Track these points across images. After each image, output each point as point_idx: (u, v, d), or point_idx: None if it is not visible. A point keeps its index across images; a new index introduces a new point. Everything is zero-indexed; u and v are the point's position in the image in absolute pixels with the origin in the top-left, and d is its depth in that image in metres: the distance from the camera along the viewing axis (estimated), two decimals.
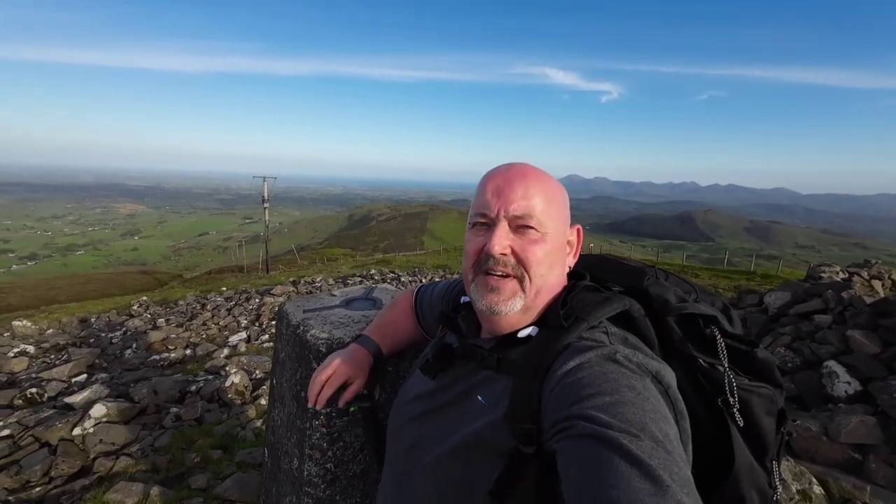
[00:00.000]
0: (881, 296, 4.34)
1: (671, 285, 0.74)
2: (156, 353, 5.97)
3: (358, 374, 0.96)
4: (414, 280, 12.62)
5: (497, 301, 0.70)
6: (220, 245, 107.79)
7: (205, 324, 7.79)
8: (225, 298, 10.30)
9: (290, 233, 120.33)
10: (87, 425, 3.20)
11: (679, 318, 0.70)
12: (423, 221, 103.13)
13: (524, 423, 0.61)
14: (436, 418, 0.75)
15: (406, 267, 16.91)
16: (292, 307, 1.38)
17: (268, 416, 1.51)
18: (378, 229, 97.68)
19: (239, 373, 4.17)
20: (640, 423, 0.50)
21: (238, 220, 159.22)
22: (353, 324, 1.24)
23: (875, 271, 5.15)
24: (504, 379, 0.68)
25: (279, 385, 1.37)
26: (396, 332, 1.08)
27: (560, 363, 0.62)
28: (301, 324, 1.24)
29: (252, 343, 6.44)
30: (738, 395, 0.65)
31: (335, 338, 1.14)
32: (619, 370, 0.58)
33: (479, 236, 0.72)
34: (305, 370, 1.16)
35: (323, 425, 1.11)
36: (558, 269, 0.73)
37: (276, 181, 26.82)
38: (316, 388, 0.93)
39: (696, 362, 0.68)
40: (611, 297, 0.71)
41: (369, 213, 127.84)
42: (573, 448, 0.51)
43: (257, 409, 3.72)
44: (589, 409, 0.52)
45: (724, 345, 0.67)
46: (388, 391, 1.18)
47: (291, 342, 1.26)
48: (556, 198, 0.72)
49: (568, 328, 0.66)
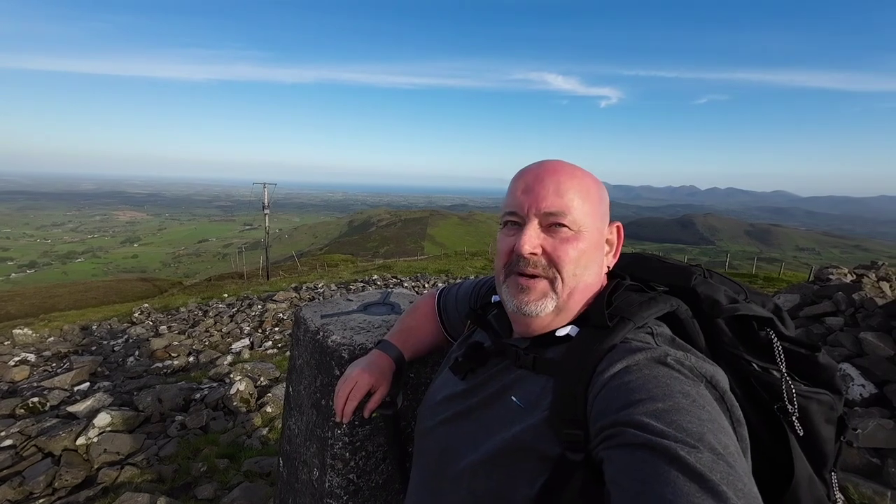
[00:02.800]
0: (890, 297, 4.31)
1: (719, 285, 0.71)
2: (158, 360, 5.91)
3: (381, 381, 0.93)
4: (417, 285, 12.57)
5: (527, 302, 0.67)
6: (219, 252, 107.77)
7: (207, 331, 7.74)
8: (227, 305, 10.24)
9: (290, 239, 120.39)
10: (90, 434, 3.15)
11: (729, 319, 0.67)
12: (424, 227, 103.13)
13: (571, 429, 0.57)
14: (468, 421, 0.72)
15: (408, 272, 16.86)
16: (309, 312, 1.34)
17: (283, 424, 1.47)
18: (378, 235, 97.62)
19: (244, 380, 4.12)
20: (698, 433, 0.46)
21: (238, 226, 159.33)
22: (374, 329, 1.21)
23: (882, 273, 5.12)
24: (541, 379, 0.65)
25: (296, 393, 1.34)
26: (419, 336, 1.05)
27: (605, 365, 0.58)
28: (320, 329, 1.20)
29: (256, 350, 6.38)
30: (796, 403, 0.62)
31: (357, 343, 1.11)
32: (671, 374, 0.54)
33: (510, 236, 0.70)
34: (327, 377, 1.13)
35: (346, 434, 1.08)
36: (594, 269, 0.69)
37: (276, 188, 26.84)
38: (340, 401, 0.90)
39: (749, 366, 0.65)
40: (656, 297, 0.67)
41: (369, 219, 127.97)
42: (624, 458, 0.47)
43: (263, 417, 3.67)
44: (640, 416, 0.49)
45: (781, 348, 0.64)
46: (410, 398, 1.14)
47: (310, 348, 1.23)
48: (591, 194, 0.68)
49: (613, 328, 0.62)
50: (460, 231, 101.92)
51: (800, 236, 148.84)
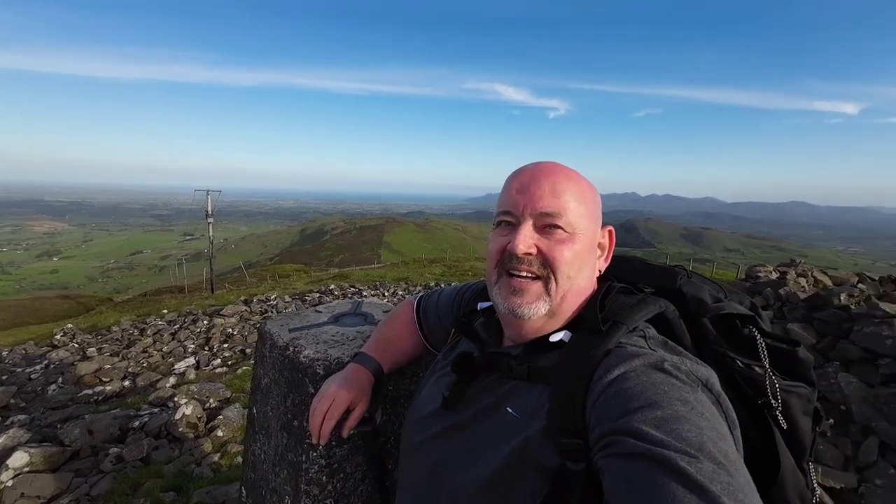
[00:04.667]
0: (808, 291, 4.82)
1: (703, 284, 0.74)
2: (87, 387, 5.30)
3: (361, 397, 0.87)
4: (377, 294, 12.32)
5: (520, 304, 0.65)
6: (156, 264, 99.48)
7: (145, 351, 7.08)
8: (167, 322, 9.44)
9: (236, 249, 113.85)
10: (4, 478, 2.74)
11: (714, 318, 0.69)
12: (380, 234, 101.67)
13: (570, 438, 0.56)
14: (461, 435, 0.69)
15: (365, 281, 16.50)
16: (275, 326, 1.25)
17: (245, 450, 1.35)
18: (332, 243, 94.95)
19: (190, 403, 3.80)
20: (698, 442, 0.45)
21: (177, 236, 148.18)
22: (349, 341, 1.14)
23: (801, 270, 5.72)
24: (537, 388, 0.63)
25: (262, 414, 1.23)
26: (398, 346, 1.00)
27: (603, 371, 0.58)
28: (290, 344, 1.12)
29: (202, 369, 5.92)
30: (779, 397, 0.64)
31: (332, 358, 1.04)
32: (669, 380, 0.54)
33: (503, 235, 0.68)
34: (299, 396, 1.05)
35: (322, 457, 1.00)
36: (587, 272, 0.69)
37: (221, 195, 25.33)
38: (317, 420, 0.83)
39: (733, 363, 0.67)
40: (645, 299, 0.68)
41: (323, 227, 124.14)
42: (622, 468, 0.46)
43: (214, 442, 3.39)
44: (639, 424, 0.48)
45: (764, 345, 0.67)
46: (388, 412, 1.09)
47: (278, 365, 1.13)
48: (585, 196, 0.68)
49: (607, 333, 0.62)
50: (417, 238, 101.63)
51: (727, 238, 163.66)
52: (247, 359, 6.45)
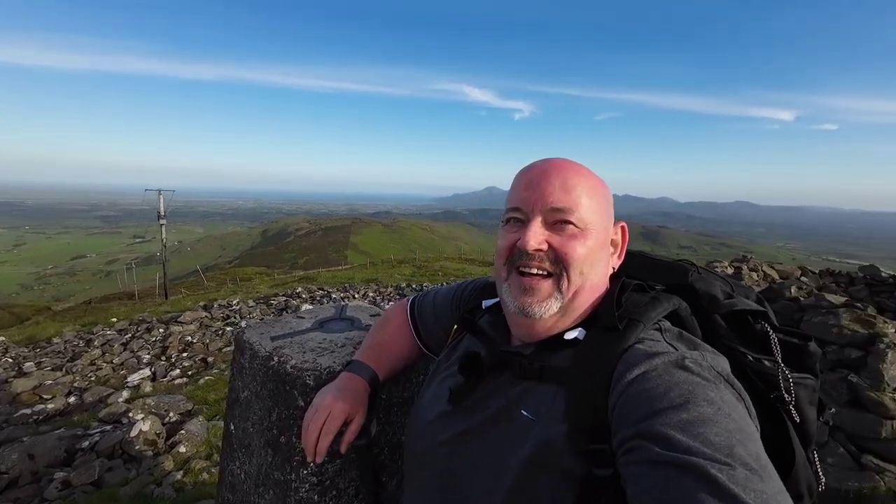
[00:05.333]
0: (761, 285, 5.15)
1: (714, 280, 0.74)
2: (25, 405, 4.82)
3: (357, 408, 0.82)
4: (346, 296, 12.04)
5: (531, 303, 0.63)
6: (101, 270, 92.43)
7: (93, 363, 6.54)
8: (118, 331, 8.77)
9: (192, 252, 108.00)
10: None
11: (725, 314, 0.69)
12: (346, 235, 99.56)
13: (595, 443, 0.54)
14: (475, 441, 0.65)
15: (333, 283, 16.10)
16: (255, 335, 1.16)
17: (221, 469, 1.25)
18: (297, 245, 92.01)
19: (148, 418, 3.53)
20: (727, 447, 0.44)
21: (125, 239, 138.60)
22: (338, 348, 1.08)
23: (752, 265, 6.11)
24: (551, 388, 0.61)
25: (241, 431, 1.13)
26: (393, 352, 0.95)
27: (622, 370, 0.56)
28: (274, 354, 1.04)
29: (160, 381, 5.54)
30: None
31: (323, 367, 0.97)
32: (692, 379, 0.52)
33: (513, 232, 0.66)
34: (286, 409, 0.97)
35: (313, 474, 0.93)
36: (600, 269, 0.67)
37: (174, 195, 23.90)
38: (311, 437, 0.77)
39: (744, 358, 0.67)
40: (658, 296, 0.67)
41: (286, 228, 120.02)
42: (649, 477, 0.44)
43: (176, 459, 3.16)
44: (664, 428, 0.46)
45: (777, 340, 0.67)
46: (382, 421, 1.04)
47: (261, 377, 1.05)
48: (597, 192, 0.67)
49: (623, 331, 0.60)
50: (385, 238, 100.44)
51: (681, 236, 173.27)
52: (209, 368, 6.09)
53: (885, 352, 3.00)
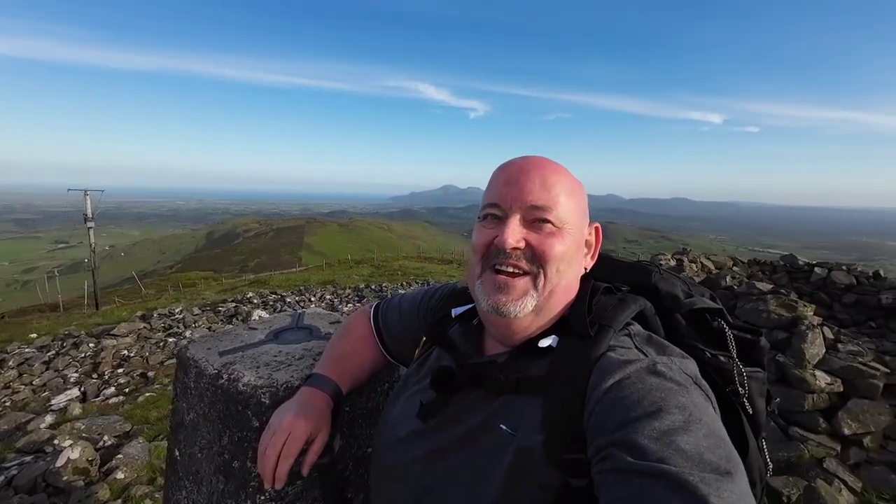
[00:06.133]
0: (700, 275, 5.56)
1: (675, 280, 0.76)
2: None
3: (320, 426, 0.76)
4: (302, 300, 11.58)
5: (505, 301, 0.62)
6: (17, 279, 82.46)
7: (7, 386, 5.81)
8: (38, 348, 7.84)
9: (127, 257, 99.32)
10: None
11: (686, 312, 0.72)
12: (300, 236, 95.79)
13: (572, 453, 0.53)
14: (449, 458, 0.63)
15: (287, 286, 15.43)
16: (200, 350, 1.06)
17: (165, 499, 1.13)
18: (246, 247, 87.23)
19: (78, 444, 3.17)
20: (698, 454, 0.45)
21: (45, 245, 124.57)
22: (296, 361, 1.01)
23: (691, 256, 6.59)
24: (529, 399, 0.60)
25: (187, 457, 1.03)
26: (356, 363, 0.91)
27: (597, 379, 0.56)
28: (223, 371, 0.95)
29: (91, 401, 5.03)
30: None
31: (280, 383, 0.90)
32: (664, 385, 0.53)
33: (490, 229, 0.64)
34: (240, 431, 0.89)
35: (272, 500, 0.86)
36: (575, 269, 0.67)
37: (103, 195, 21.76)
38: (269, 463, 0.71)
39: (703, 355, 0.70)
40: (626, 298, 0.68)
41: (234, 229, 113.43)
42: (623, 486, 0.45)
43: (113, 488, 2.87)
44: (638, 437, 0.47)
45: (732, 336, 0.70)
46: (346, 435, 0.98)
47: (209, 398, 0.96)
48: (575, 191, 0.66)
49: (595, 337, 0.61)
50: (341, 238, 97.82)
51: (628, 231, 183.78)
52: (149, 383, 5.61)
53: (805, 332, 3.33)
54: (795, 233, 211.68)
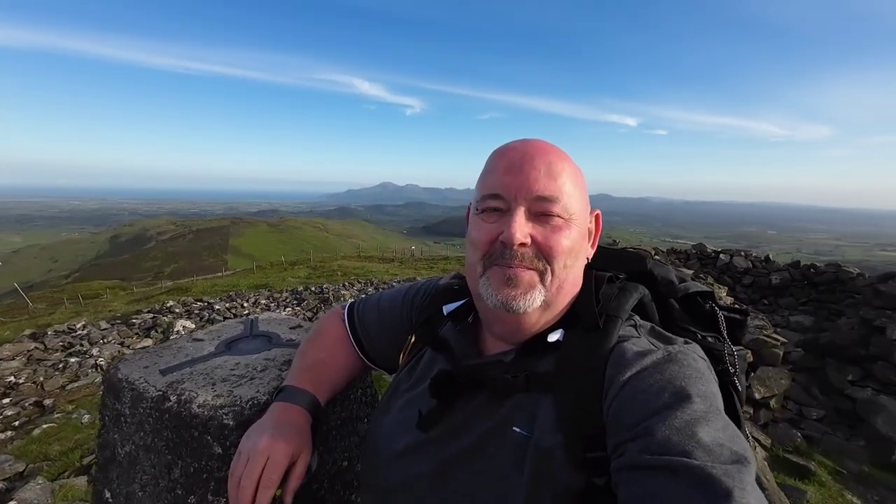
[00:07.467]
0: None
1: (668, 266, 0.77)
2: None
3: (301, 446, 0.67)
4: (233, 306, 10.65)
5: (514, 296, 0.58)
6: None
7: None
8: None
9: (7, 267, 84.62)
10: None
11: (680, 297, 0.73)
12: (225, 237, 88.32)
13: (593, 451, 0.51)
14: (460, 471, 0.58)
15: (213, 292, 14.13)
16: (134, 369, 0.89)
17: None
18: (160, 251, 78.47)
19: None
20: (719, 445, 0.44)
21: None
22: (259, 374, 0.89)
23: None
24: (540, 398, 0.57)
25: (123, 497, 0.86)
26: (333, 370, 0.82)
27: (613, 372, 0.54)
28: (169, 391, 0.80)
29: None
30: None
31: (244, 400, 0.78)
32: (684, 373, 0.52)
33: (491, 223, 0.60)
34: (195, 461, 0.75)
35: None
36: (581, 261, 0.65)
37: None
38: (247, 495, 0.61)
39: (695, 337, 0.72)
40: (626, 286, 0.68)
41: (145, 232, 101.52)
42: (646, 478, 0.44)
43: None
44: (659, 430, 0.46)
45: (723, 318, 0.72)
46: (321, 450, 0.89)
47: (152, 425, 0.80)
48: (579, 179, 0.64)
49: (605, 329, 0.59)
50: (272, 239, 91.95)
51: None
52: (47, 413, 4.80)
53: None
54: (698, 225, 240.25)
